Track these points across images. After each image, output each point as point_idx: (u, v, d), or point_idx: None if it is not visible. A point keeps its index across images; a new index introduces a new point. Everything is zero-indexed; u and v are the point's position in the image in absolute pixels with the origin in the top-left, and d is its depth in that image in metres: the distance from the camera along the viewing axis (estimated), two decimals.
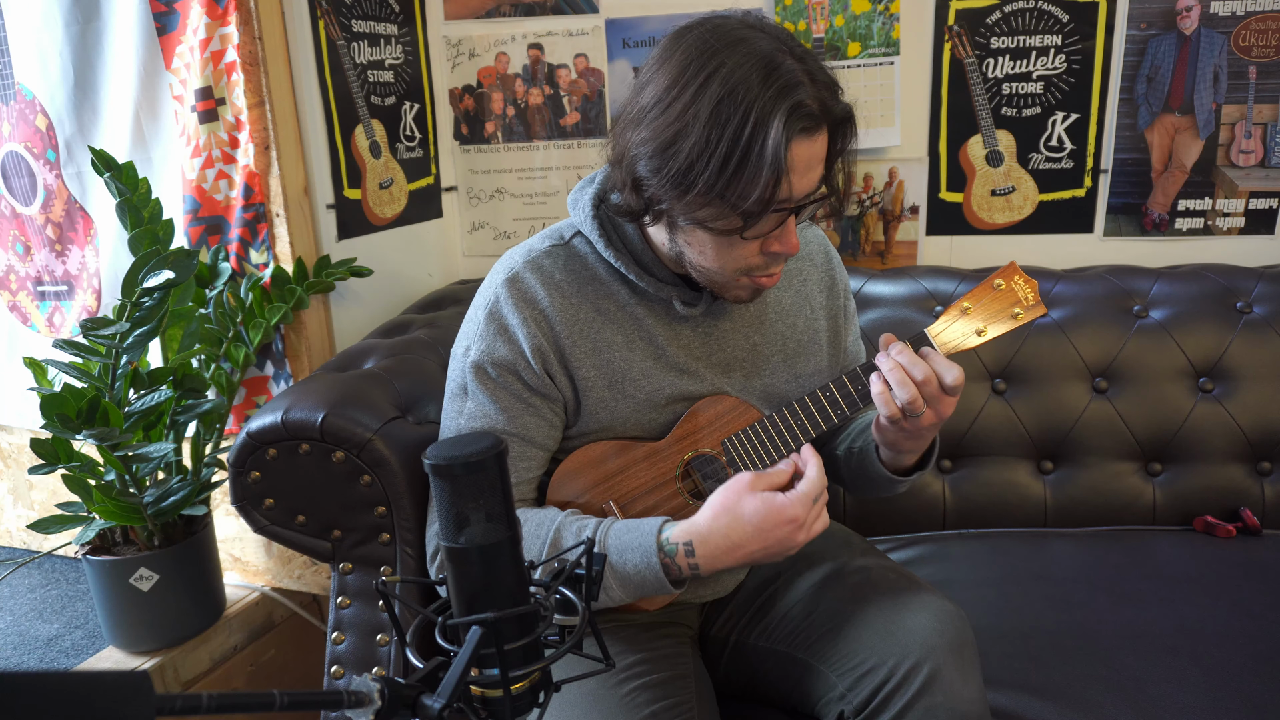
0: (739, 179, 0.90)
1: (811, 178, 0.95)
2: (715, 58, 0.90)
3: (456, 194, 2.04)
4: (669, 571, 0.98)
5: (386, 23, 1.78)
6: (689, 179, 0.91)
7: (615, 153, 0.99)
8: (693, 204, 0.94)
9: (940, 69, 1.78)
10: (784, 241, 0.98)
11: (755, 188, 0.89)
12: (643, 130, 0.94)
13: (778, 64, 0.89)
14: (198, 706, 0.43)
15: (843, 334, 1.23)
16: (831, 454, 1.25)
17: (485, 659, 0.59)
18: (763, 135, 0.88)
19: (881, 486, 1.16)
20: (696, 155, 0.89)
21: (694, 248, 1.00)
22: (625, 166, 0.97)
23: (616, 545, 0.99)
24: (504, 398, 1.07)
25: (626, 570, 0.98)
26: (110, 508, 1.41)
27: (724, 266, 1.00)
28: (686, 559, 0.98)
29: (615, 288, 1.10)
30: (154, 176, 1.55)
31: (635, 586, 0.99)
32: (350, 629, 1.24)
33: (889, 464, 1.12)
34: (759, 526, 0.96)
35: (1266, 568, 1.40)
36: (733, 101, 0.88)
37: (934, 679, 0.95)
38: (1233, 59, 1.69)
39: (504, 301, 1.07)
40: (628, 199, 0.99)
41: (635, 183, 0.96)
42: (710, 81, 0.89)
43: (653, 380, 1.09)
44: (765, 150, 0.88)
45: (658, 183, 0.93)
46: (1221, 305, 1.62)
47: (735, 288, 1.04)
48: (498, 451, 0.59)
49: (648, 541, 0.98)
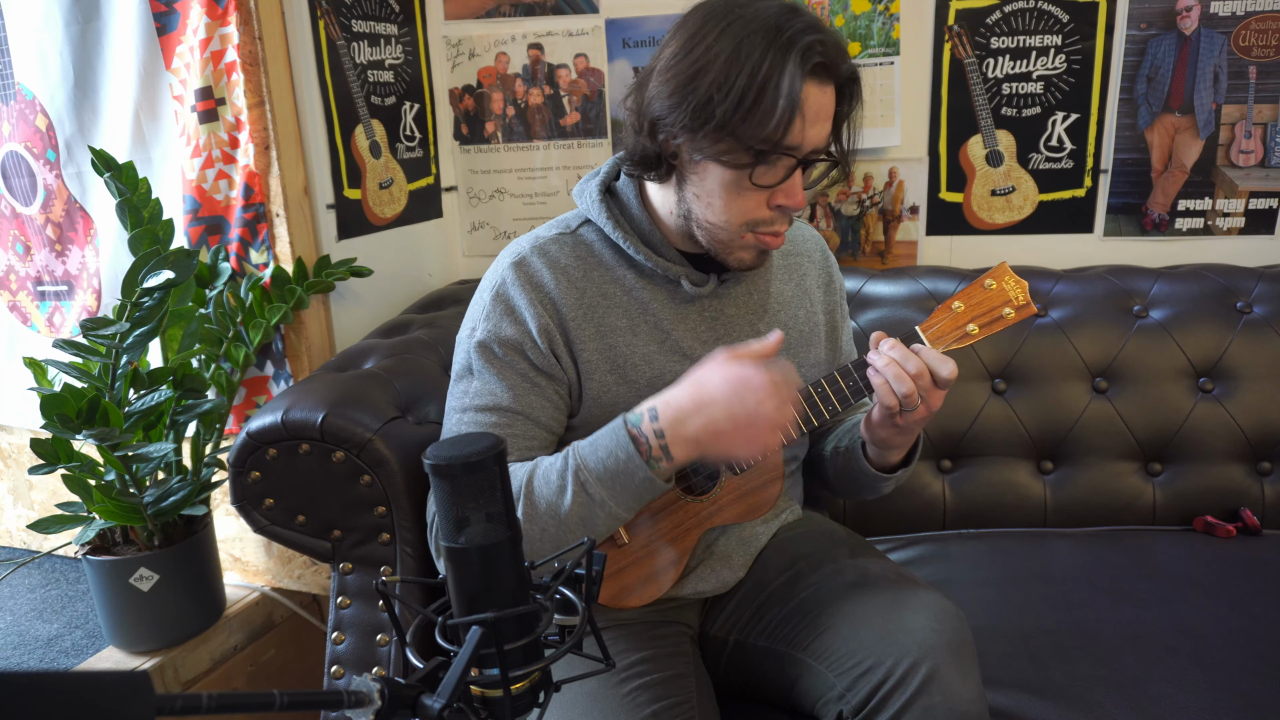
0: (756, 111, 0.94)
1: (821, 130, 0.99)
2: (733, 12, 0.96)
3: (456, 194, 2.04)
4: (638, 445, 0.96)
5: (386, 23, 1.78)
6: (707, 111, 0.95)
7: (633, 107, 1.04)
8: (708, 138, 0.97)
9: (940, 69, 1.78)
10: (790, 195, 1.01)
11: (770, 120, 0.94)
12: (662, 77, 0.99)
13: (791, 20, 0.95)
14: (198, 706, 0.43)
15: (839, 329, 1.26)
16: (818, 455, 1.26)
17: (485, 659, 0.59)
18: (779, 70, 0.93)
19: (867, 486, 1.17)
20: (715, 89, 0.94)
21: (702, 200, 1.03)
22: (641, 113, 1.01)
23: (589, 441, 1.00)
24: (510, 376, 1.07)
25: (600, 457, 0.97)
26: (110, 508, 1.41)
27: (730, 220, 1.03)
28: (651, 424, 0.96)
29: (622, 272, 1.11)
30: (154, 176, 1.55)
31: (613, 477, 0.97)
32: (350, 629, 1.24)
33: (875, 462, 1.13)
34: (725, 389, 0.94)
35: (1266, 568, 1.40)
36: (751, 42, 0.94)
37: (932, 679, 0.95)
38: (1233, 59, 1.69)
39: (510, 283, 1.08)
40: (643, 144, 1.02)
41: (652, 125, 1.00)
42: (731, 26, 0.95)
43: (655, 365, 1.10)
44: (781, 85, 0.93)
45: (675, 118, 0.97)
46: (1221, 305, 1.62)
47: (740, 246, 1.06)
48: (498, 451, 0.59)
49: (615, 423, 0.99)
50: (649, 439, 0.96)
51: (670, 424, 0.96)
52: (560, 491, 0.98)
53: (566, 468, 0.99)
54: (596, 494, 0.98)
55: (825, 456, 1.24)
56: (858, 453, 1.15)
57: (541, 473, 1.01)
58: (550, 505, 0.99)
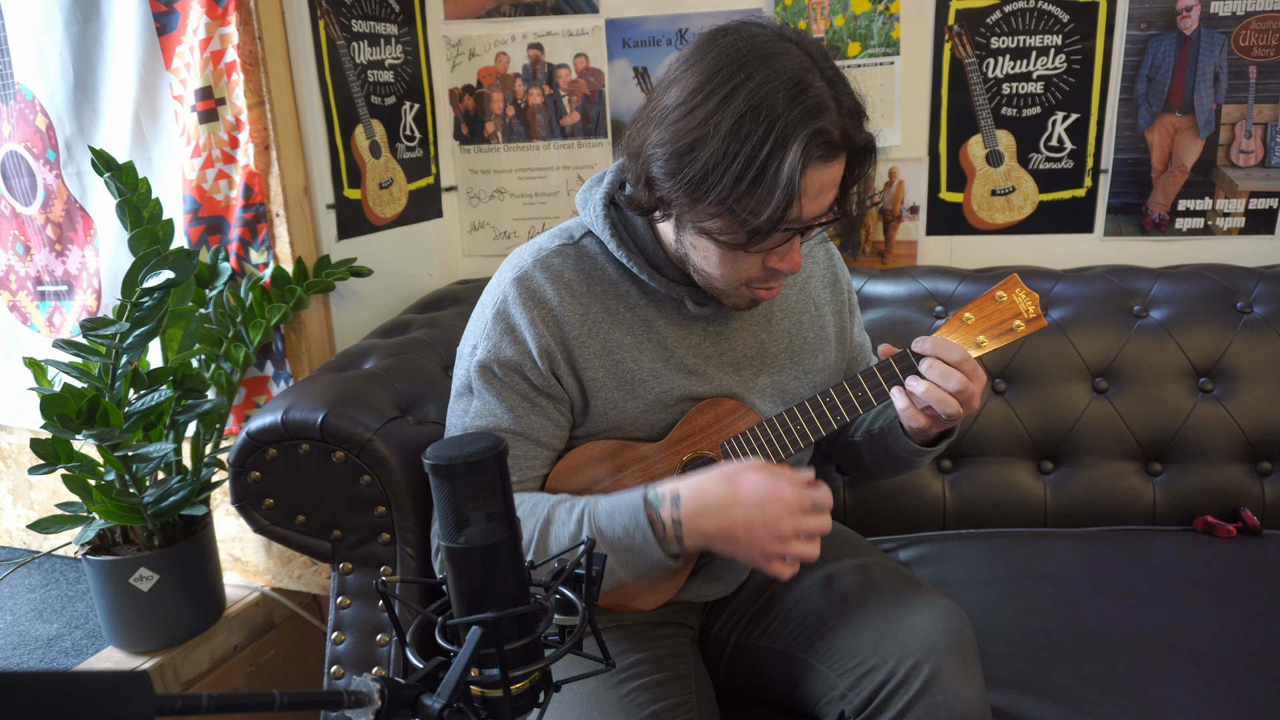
0: (751, 196, 0.90)
1: (823, 201, 0.95)
2: (745, 69, 0.89)
3: (456, 194, 2.04)
4: (655, 528, 0.96)
5: (386, 23, 1.78)
6: (702, 188, 0.91)
7: (632, 146, 0.99)
8: (703, 213, 0.94)
9: (940, 69, 1.78)
10: (787, 260, 0.99)
11: (766, 208, 0.90)
12: (662, 130, 0.93)
13: (806, 85, 0.89)
14: (198, 706, 0.43)
15: (849, 328, 1.24)
16: (850, 442, 1.25)
17: (485, 659, 0.59)
18: (780, 157, 0.88)
19: (907, 463, 1.16)
20: (712, 166, 0.89)
21: (698, 252, 1.01)
22: (641, 163, 0.97)
23: (607, 509, 0.99)
24: (510, 397, 1.07)
25: (616, 532, 0.98)
26: (110, 508, 1.41)
27: (725, 276, 1.01)
28: (671, 510, 0.97)
29: (625, 288, 1.10)
30: (154, 176, 1.55)
31: (625, 551, 0.97)
32: (350, 629, 1.24)
33: (915, 437, 1.10)
34: (752, 496, 0.95)
35: (1266, 568, 1.40)
36: (755, 118, 0.88)
37: (935, 679, 0.95)
38: (1233, 59, 1.69)
39: (512, 301, 1.07)
40: (640, 193, 0.99)
41: (649, 181, 0.97)
42: (736, 93, 0.88)
43: (662, 381, 1.09)
44: (780, 173, 0.88)
45: (671, 186, 0.93)
46: (1221, 305, 1.61)
47: (734, 296, 1.05)
48: (498, 451, 0.59)
49: (635, 498, 0.99)
50: (666, 525, 0.97)
51: (689, 516, 0.97)
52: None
53: (580, 533, 0.99)
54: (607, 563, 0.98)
55: (859, 443, 1.22)
56: (896, 431, 1.12)
57: (555, 530, 1.00)
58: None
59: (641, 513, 0.97)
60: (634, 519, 0.97)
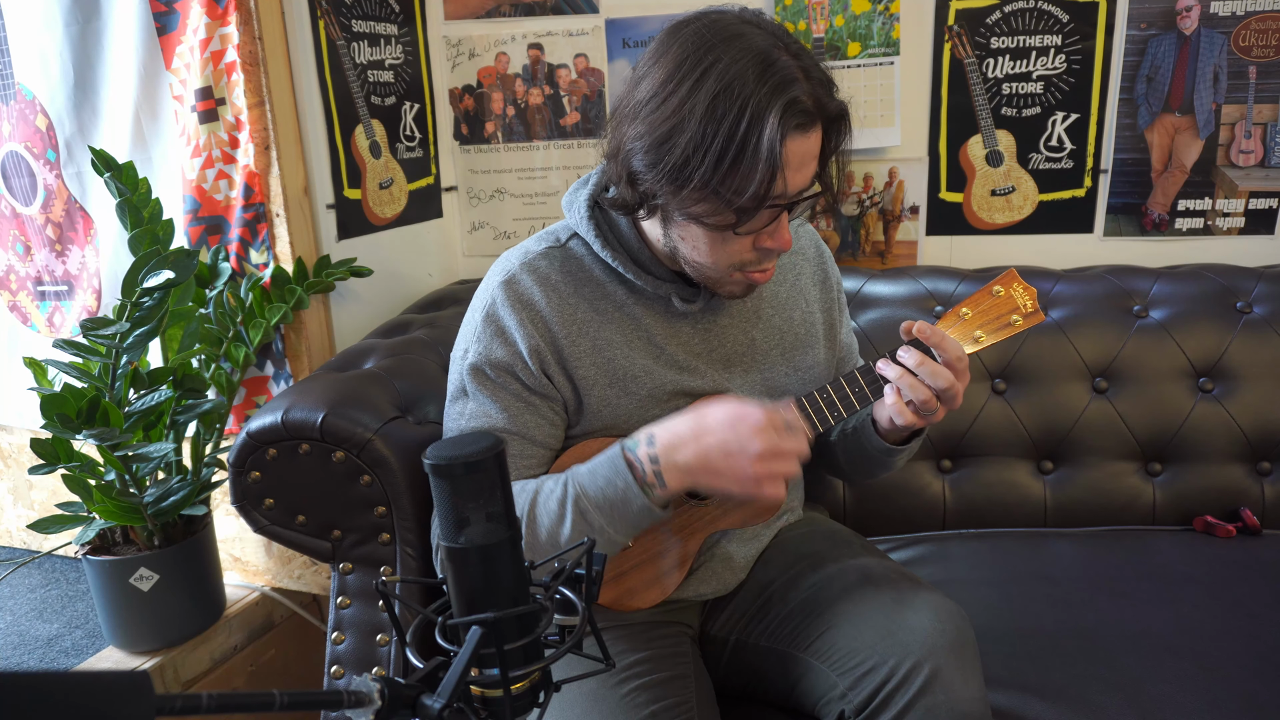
0: (734, 174, 0.90)
1: (805, 174, 0.96)
2: (711, 52, 0.90)
3: (456, 194, 2.04)
4: (633, 470, 0.97)
5: (386, 23, 1.78)
6: (684, 174, 0.91)
7: (611, 146, 1.00)
8: (688, 199, 0.95)
9: (940, 69, 1.78)
10: (776, 237, 0.99)
11: (750, 183, 0.90)
12: (638, 124, 0.94)
13: (773, 60, 0.90)
14: (198, 706, 0.43)
15: (838, 326, 1.25)
16: (825, 443, 1.25)
17: (485, 659, 0.59)
18: (758, 131, 0.88)
19: (880, 463, 1.16)
20: (692, 150, 0.90)
21: (688, 242, 1.01)
22: (621, 160, 0.97)
23: (588, 468, 1.01)
24: (504, 397, 1.07)
25: (599, 485, 0.98)
26: (110, 508, 1.41)
27: (717, 262, 1.01)
28: (647, 448, 0.98)
29: (612, 288, 1.10)
30: (154, 176, 1.55)
31: (610, 505, 0.98)
32: (350, 629, 1.24)
33: (888, 436, 1.12)
34: (720, 420, 0.96)
35: (1266, 568, 1.40)
36: (728, 97, 0.88)
37: (935, 678, 0.95)
38: (1233, 59, 1.69)
39: (500, 304, 1.07)
40: (623, 192, 0.99)
41: (630, 176, 0.97)
42: (706, 76, 0.89)
43: (654, 376, 1.09)
44: (760, 146, 0.88)
45: (653, 177, 0.94)
46: (1221, 305, 1.61)
47: (729, 283, 1.05)
48: (498, 451, 0.59)
49: (613, 449, 1.00)
50: (644, 464, 0.97)
51: (664, 450, 0.97)
52: (560, 520, 0.99)
53: (566, 495, 1.00)
54: (595, 521, 0.98)
55: (833, 441, 1.23)
56: (868, 429, 1.13)
57: (542, 500, 1.01)
58: (550, 533, 1.00)
59: (620, 459, 0.98)
60: (613, 467, 0.98)
